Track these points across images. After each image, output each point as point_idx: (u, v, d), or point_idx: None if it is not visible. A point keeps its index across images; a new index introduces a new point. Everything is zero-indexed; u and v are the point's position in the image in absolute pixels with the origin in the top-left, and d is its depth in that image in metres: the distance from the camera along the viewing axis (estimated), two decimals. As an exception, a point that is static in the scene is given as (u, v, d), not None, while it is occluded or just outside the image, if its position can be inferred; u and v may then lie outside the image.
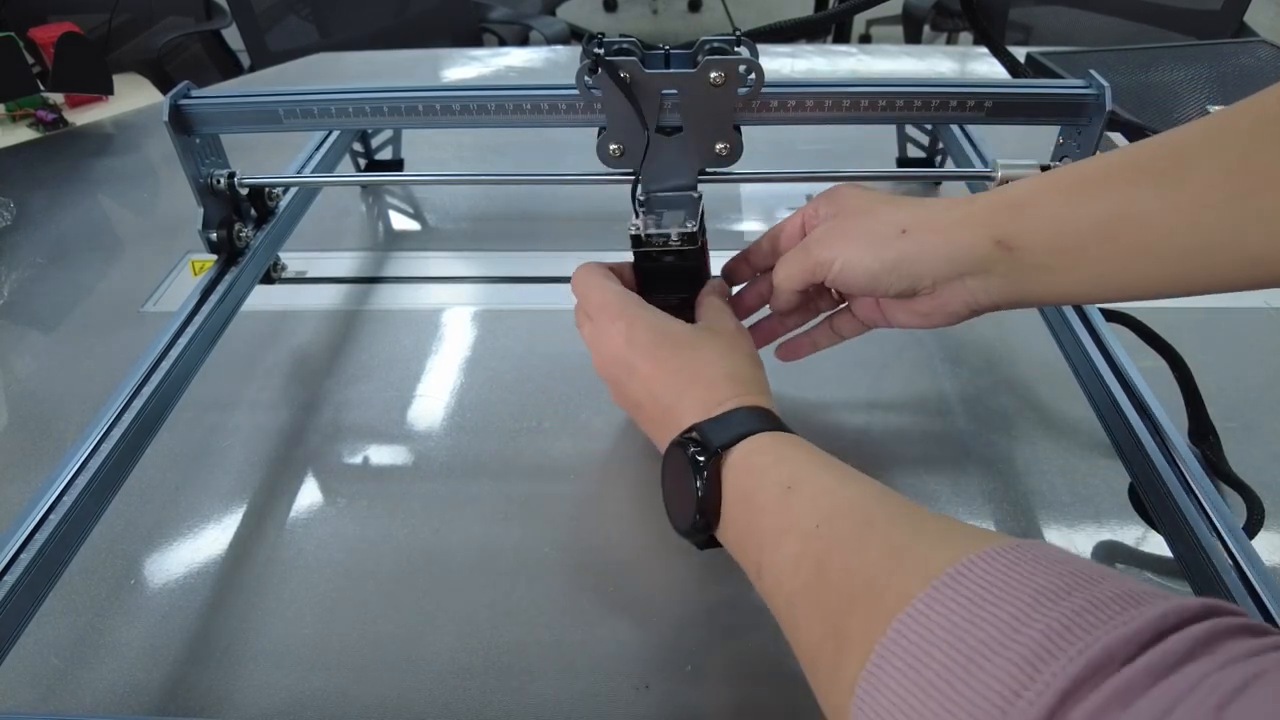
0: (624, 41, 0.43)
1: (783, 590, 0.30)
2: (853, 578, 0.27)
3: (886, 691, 0.23)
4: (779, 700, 0.39)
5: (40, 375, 0.59)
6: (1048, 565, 0.23)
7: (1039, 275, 0.35)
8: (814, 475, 0.32)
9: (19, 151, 0.91)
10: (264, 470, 0.51)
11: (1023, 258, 0.35)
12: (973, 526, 0.27)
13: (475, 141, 0.89)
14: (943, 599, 0.23)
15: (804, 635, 0.28)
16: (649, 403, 0.39)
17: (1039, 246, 0.35)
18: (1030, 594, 0.22)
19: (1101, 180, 0.34)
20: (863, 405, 0.54)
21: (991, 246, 0.35)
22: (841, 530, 0.29)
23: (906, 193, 0.78)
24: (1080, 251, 0.34)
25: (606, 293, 0.42)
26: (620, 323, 0.40)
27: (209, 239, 0.52)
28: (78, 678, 0.40)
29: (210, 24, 1.61)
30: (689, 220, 0.44)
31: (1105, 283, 0.34)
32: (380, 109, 0.48)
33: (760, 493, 0.33)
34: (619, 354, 0.40)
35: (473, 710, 0.39)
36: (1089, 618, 0.20)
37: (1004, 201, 0.36)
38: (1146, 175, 0.32)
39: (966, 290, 0.37)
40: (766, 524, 0.32)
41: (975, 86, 0.46)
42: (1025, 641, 0.20)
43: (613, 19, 3.68)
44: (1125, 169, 0.33)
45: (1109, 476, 0.49)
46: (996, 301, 0.37)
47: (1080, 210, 0.34)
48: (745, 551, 0.33)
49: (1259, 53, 0.97)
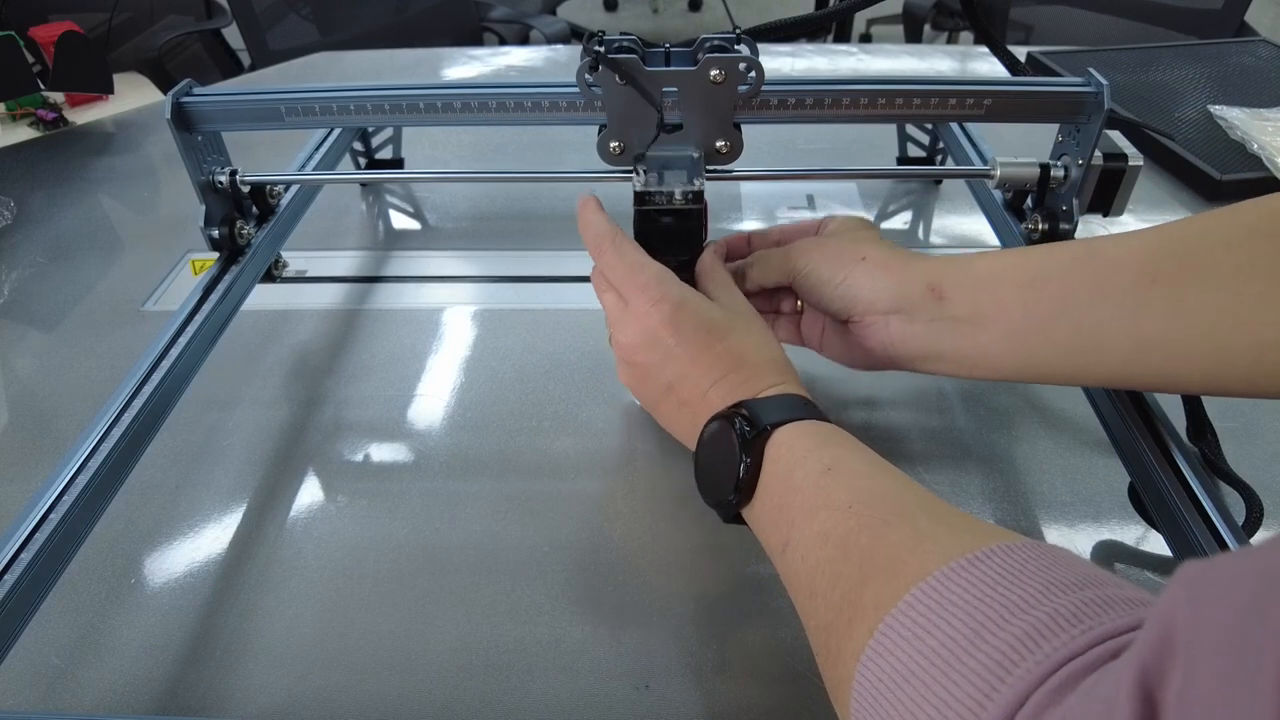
0: (624, 40, 0.43)
1: (806, 564, 0.30)
2: (874, 554, 0.28)
3: (890, 657, 0.24)
4: (780, 699, 0.39)
5: (40, 374, 0.59)
6: (1065, 564, 0.24)
7: (960, 329, 0.39)
8: (853, 461, 0.33)
9: (19, 150, 0.91)
10: (264, 469, 0.51)
11: (949, 308, 0.39)
12: (998, 527, 0.28)
13: (475, 140, 0.89)
14: (957, 578, 0.24)
15: (820, 607, 0.29)
16: (683, 385, 0.39)
17: (964, 298, 0.38)
18: (1042, 584, 0.22)
19: (1034, 255, 0.38)
20: (863, 403, 0.54)
21: (924, 290, 0.39)
22: (872, 511, 0.30)
23: (908, 191, 0.78)
24: (1001, 310, 0.37)
25: (645, 272, 0.40)
26: (665, 306, 0.39)
27: (210, 236, 0.52)
28: (78, 676, 0.40)
29: (211, 23, 1.61)
30: (695, 178, 0.43)
31: (1020, 347, 0.38)
32: (381, 106, 0.48)
33: (799, 471, 0.33)
34: (657, 336, 0.39)
35: (473, 710, 0.39)
36: (1093, 609, 0.21)
37: (947, 258, 0.40)
38: (1070, 259, 0.37)
39: (888, 330, 0.40)
40: (801, 501, 0.32)
41: (974, 85, 0.46)
42: (1031, 620, 0.21)
43: (613, 18, 3.68)
44: (1055, 250, 0.38)
45: (1108, 475, 0.49)
46: (911, 351, 0.40)
47: (1009, 273, 0.38)
48: (775, 527, 0.34)
49: (1260, 52, 0.97)
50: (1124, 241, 0.36)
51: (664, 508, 0.48)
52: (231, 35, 1.56)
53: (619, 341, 0.41)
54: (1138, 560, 0.45)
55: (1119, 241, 0.36)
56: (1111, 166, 0.48)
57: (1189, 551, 0.37)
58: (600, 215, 0.43)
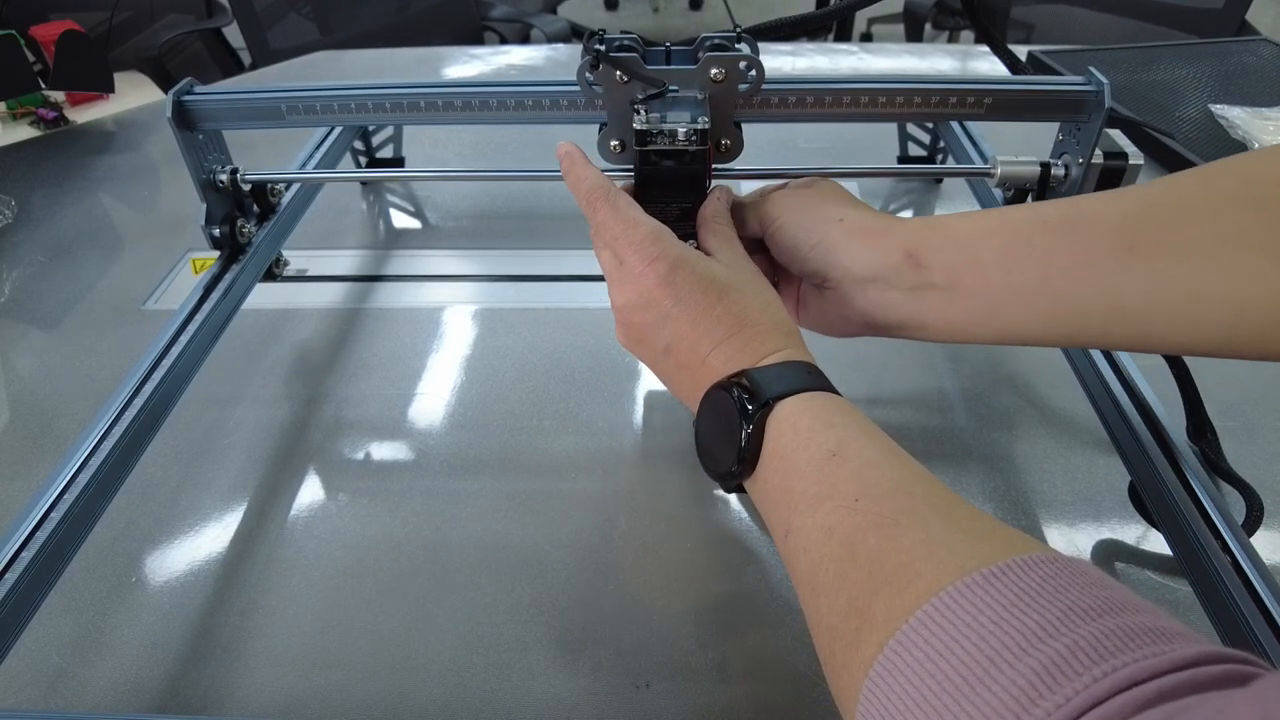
0: (625, 38, 0.43)
1: (809, 557, 0.29)
2: (884, 560, 0.26)
3: (900, 678, 0.23)
4: (780, 698, 0.39)
5: (41, 373, 0.59)
6: (1084, 585, 0.22)
7: (938, 297, 0.38)
8: (860, 447, 0.31)
9: (20, 149, 0.91)
10: (265, 468, 0.51)
11: (927, 275, 0.38)
12: (1013, 529, 0.27)
13: (476, 139, 0.89)
14: (973, 595, 0.23)
15: (824, 607, 0.28)
16: (681, 348, 0.37)
17: (942, 264, 0.37)
18: (1061, 609, 0.21)
19: (1012, 219, 0.37)
20: (863, 402, 0.54)
21: (902, 258, 0.38)
22: (880, 509, 0.28)
23: (909, 190, 0.78)
24: (980, 276, 0.37)
25: (640, 229, 0.38)
26: (661, 265, 0.37)
27: (211, 235, 0.52)
28: (79, 675, 0.40)
29: (211, 22, 1.61)
30: (699, 117, 0.41)
31: (999, 314, 0.37)
32: (382, 105, 0.48)
33: (803, 454, 0.32)
34: (653, 298, 0.37)
35: (473, 709, 0.39)
36: (1115, 643, 0.20)
37: (925, 222, 0.39)
38: (1047, 223, 0.36)
39: (866, 297, 0.39)
40: (804, 488, 0.31)
41: (975, 84, 0.46)
42: (1048, 653, 0.20)
43: (614, 16, 3.68)
44: (1034, 213, 0.37)
45: (1109, 474, 0.49)
46: (890, 319, 0.39)
47: (987, 239, 0.37)
48: (776, 510, 0.32)
49: (1261, 51, 0.97)
50: (1103, 204, 0.35)
51: (664, 507, 0.48)
52: (232, 34, 1.56)
53: (615, 302, 0.39)
54: (1138, 560, 0.45)
55: (1098, 204, 0.35)
56: (1112, 165, 0.48)
57: (1189, 551, 0.37)
58: (590, 169, 0.41)
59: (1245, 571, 0.35)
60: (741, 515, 0.48)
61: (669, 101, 0.43)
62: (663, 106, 0.42)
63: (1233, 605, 0.34)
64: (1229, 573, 0.35)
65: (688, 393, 0.38)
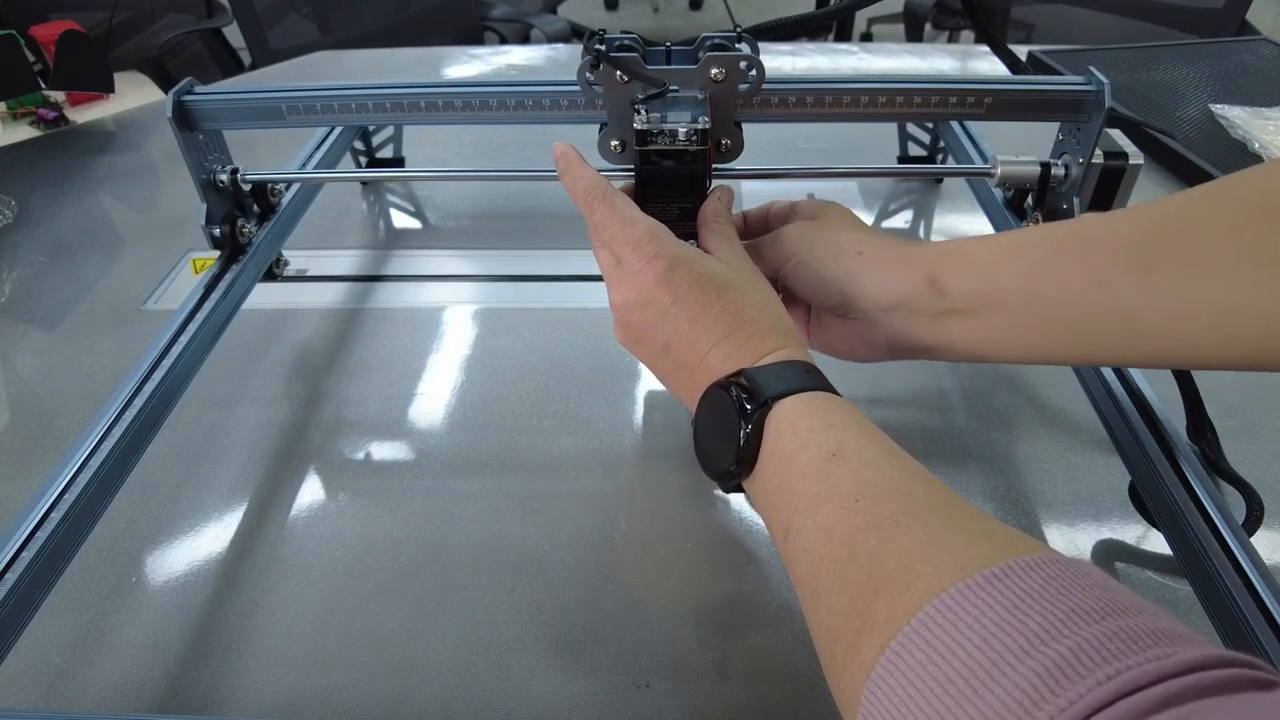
0: (625, 38, 0.43)
1: (809, 558, 0.29)
2: (885, 561, 0.26)
3: (902, 680, 0.23)
4: (780, 698, 0.39)
5: (41, 373, 0.59)
6: (1086, 586, 0.22)
7: (961, 321, 0.38)
8: (860, 447, 0.31)
9: (20, 149, 0.91)
10: (265, 468, 0.51)
11: (950, 302, 0.38)
12: (1014, 530, 0.27)
13: (476, 139, 0.89)
14: (974, 597, 0.23)
15: (824, 609, 0.28)
16: (679, 347, 0.37)
17: (963, 290, 0.38)
18: (1063, 611, 0.21)
19: (1030, 242, 0.38)
20: (863, 402, 0.54)
21: (923, 284, 0.39)
22: (881, 510, 0.28)
23: (909, 190, 0.78)
24: (1001, 301, 0.37)
25: (637, 228, 0.38)
26: (659, 264, 0.37)
27: (212, 235, 0.52)
28: (79, 675, 0.40)
29: (211, 22, 1.61)
30: (700, 117, 0.42)
31: (1021, 337, 0.37)
32: (383, 105, 0.48)
33: (803, 454, 0.32)
34: (651, 296, 0.37)
35: (474, 709, 0.39)
36: (1118, 645, 0.20)
37: (943, 248, 0.40)
38: (1064, 246, 0.36)
39: (891, 325, 0.40)
40: (804, 488, 0.31)
41: (975, 84, 0.46)
42: (1051, 655, 0.20)
43: (614, 16, 3.68)
44: (1050, 235, 0.38)
45: (1109, 474, 0.49)
46: (915, 344, 0.40)
47: (1005, 265, 0.37)
48: (776, 510, 0.32)
49: (1261, 51, 0.97)
50: (1118, 224, 0.35)
51: (664, 507, 0.48)
52: (232, 34, 1.56)
53: (613, 301, 0.39)
54: (1138, 560, 0.45)
55: (1109, 223, 0.36)
56: (1112, 165, 0.48)
57: (1189, 550, 0.37)
58: (586, 169, 0.41)
59: (1245, 571, 0.35)
60: (741, 515, 0.48)
61: (669, 101, 0.43)
62: (663, 106, 0.42)
63: (1233, 605, 0.34)
64: (1229, 573, 0.35)
65: (686, 392, 0.38)
